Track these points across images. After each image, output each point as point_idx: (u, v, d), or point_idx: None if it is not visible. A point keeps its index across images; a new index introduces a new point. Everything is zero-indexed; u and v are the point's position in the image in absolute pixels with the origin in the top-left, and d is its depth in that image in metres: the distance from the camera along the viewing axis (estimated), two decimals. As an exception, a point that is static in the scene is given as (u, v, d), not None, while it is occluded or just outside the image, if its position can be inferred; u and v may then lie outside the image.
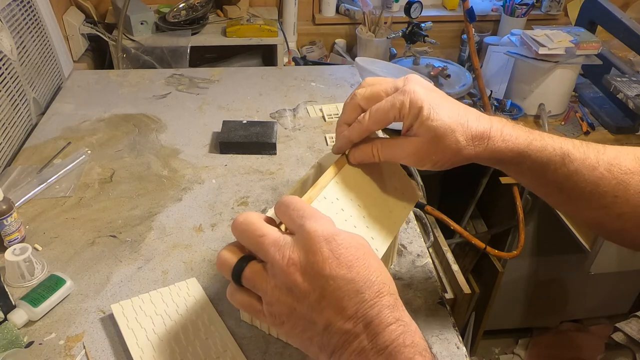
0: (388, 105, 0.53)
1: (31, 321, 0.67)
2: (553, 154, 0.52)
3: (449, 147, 0.52)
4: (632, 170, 0.52)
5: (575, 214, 0.58)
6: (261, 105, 1.18)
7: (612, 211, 0.53)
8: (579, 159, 0.52)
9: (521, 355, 1.93)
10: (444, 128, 0.51)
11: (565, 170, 0.52)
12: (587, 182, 0.52)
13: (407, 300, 0.71)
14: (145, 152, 1.01)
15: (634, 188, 0.52)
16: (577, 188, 0.53)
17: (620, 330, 0.76)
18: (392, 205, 0.62)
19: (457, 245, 1.73)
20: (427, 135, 0.52)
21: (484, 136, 0.52)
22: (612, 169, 0.52)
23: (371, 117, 0.54)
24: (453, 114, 0.52)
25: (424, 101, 0.51)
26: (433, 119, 0.51)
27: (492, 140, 0.52)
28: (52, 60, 1.27)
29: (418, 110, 0.51)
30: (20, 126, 1.06)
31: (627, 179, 0.52)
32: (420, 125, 0.51)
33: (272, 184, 0.93)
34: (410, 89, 0.52)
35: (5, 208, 0.75)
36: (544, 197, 0.59)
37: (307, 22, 2.00)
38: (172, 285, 0.71)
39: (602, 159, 0.53)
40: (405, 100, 0.52)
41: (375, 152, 0.56)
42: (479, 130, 0.52)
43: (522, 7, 1.93)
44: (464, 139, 0.52)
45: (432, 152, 0.52)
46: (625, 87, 1.51)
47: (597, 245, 1.34)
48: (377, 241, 0.58)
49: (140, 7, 1.70)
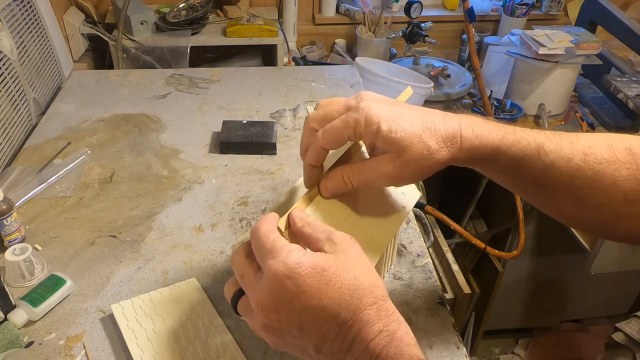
0: (341, 124, 0.50)
1: (31, 321, 0.67)
2: (528, 147, 0.50)
3: (421, 154, 0.48)
4: (607, 159, 0.50)
5: (552, 208, 0.56)
6: (261, 105, 1.18)
7: (588, 203, 0.51)
8: (554, 151, 0.50)
9: (521, 355, 1.93)
10: (409, 138, 0.48)
11: (541, 163, 0.50)
12: (563, 174, 0.50)
13: (407, 300, 0.71)
14: (145, 152, 1.01)
15: (609, 178, 0.50)
16: (554, 181, 0.51)
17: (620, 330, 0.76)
18: (391, 205, 0.62)
19: (457, 245, 1.73)
20: (394, 149, 0.48)
21: (455, 136, 0.49)
22: (587, 159, 0.50)
23: (324, 136, 0.50)
24: (416, 121, 0.49)
25: (380, 116, 0.48)
26: (395, 131, 0.48)
27: (465, 139, 0.49)
28: (52, 60, 1.27)
29: (376, 126, 0.48)
30: (20, 126, 1.06)
31: (603, 169, 0.50)
32: (384, 141, 0.48)
33: (272, 184, 0.93)
34: (364, 105, 0.49)
35: (5, 208, 0.75)
36: (521, 193, 0.57)
37: (307, 22, 2.00)
38: (172, 285, 0.71)
39: (577, 149, 0.51)
40: (359, 117, 0.49)
41: (347, 179, 0.52)
42: (449, 131, 0.49)
43: (522, 7, 1.93)
44: (435, 142, 0.48)
45: (405, 165, 0.49)
46: (625, 87, 1.51)
47: (597, 245, 1.34)
48: (376, 241, 0.58)
49: (140, 7, 1.70)
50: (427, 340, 0.66)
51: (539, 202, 0.56)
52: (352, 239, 0.46)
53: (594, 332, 1.92)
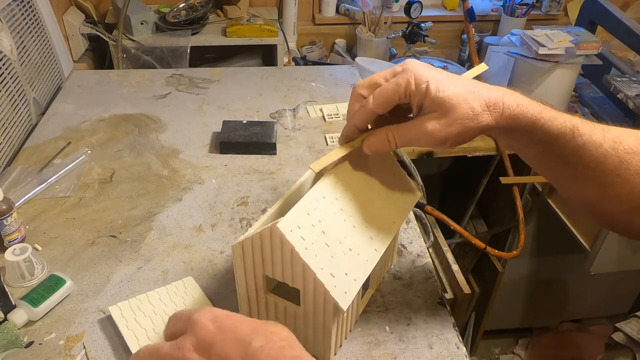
0: (392, 86, 0.51)
1: (31, 321, 0.67)
2: (563, 125, 0.51)
3: (466, 115, 0.50)
4: (634, 150, 0.52)
5: (575, 192, 0.57)
6: (261, 105, 1.18)
7: (611, 191, 0.53)
8: (586, 134, 0.51)
9: (521, 355, 1.93)
10: (456, 98, 0.50)
11: (574, 143, 0.51)
12: (593, 158, 0.52)
13: (407, 300, 0.71)
14: (145, 152, 1.01)
15: (635, 168, 0.51)
16: (582, 163, 0.52)
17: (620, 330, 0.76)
18: (391, 205, 0.62)
19: (457, 245, 1.73)
20: (440, 108, 0.50)
21: (497, 102, 0.51)
22: (616, 147, 0.52)
23: (375, 99, 0.52)
24: (461, 85, 0.51)
25: (429, 77, 0.50)
26: (442, 90, 0.50)
27: (507, 106, 0.51)
28: (52, 60, 1.27)
29: (425, 86, 0.50)
30: (20, 126, 1.06)
31: (629, 158, 0.52)
32: (431, 100, 0.50)
33: (272, 184, 0.93)
34: (412, 67, 0.52)
35: (5, 208, 0.75)
36: (546, 172, 0.58)
37: (307, 22, 2.00)
38: (170, 285, 0.70)
39: (607, 136, 0.52)
40: (409, 78, 0.51)
41: (391, 138, 0.53)
42: (492, 97, 0.51)
43: (522, 7, 1.92)
44: (479, 105, 0.50)
45: (451, 124, 0.50)
46: (625, 87, 1.51)
47: (597, 245, 1.34)
48: (376, 241, 0.58)
49: (140, 7, 1.70)
50: (427, 340, 0.66)
51: (563, 183, 0.57)
52: None
53: (594, 332, 1.92)
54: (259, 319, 0.46)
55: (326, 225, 0.54)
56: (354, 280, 0.54)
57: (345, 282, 0.53)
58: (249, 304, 0.64)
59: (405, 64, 0.53)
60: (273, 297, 0.60)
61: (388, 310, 0.69)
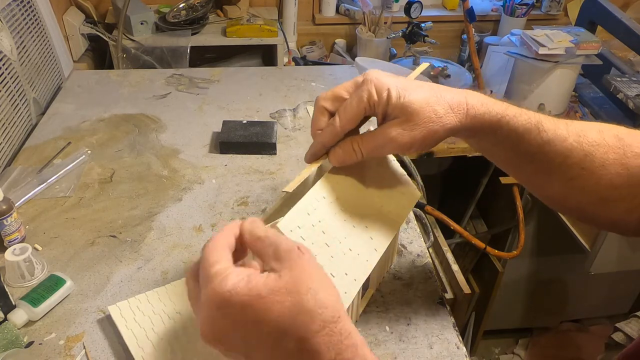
0: (356, 100, 0.52)
1: (31, 321, 0.67)
2: (528, 122, 0.52)
3: (429, 119, 0.50)
4: (598, 142, 0.52)
5: (542, 188, 0.58)
6: (261, 105, 1.18)
7: (577, 184, 0.53)
8: (551, 129, 0.52)
9: (521, 355, 1.93)
10: (418, 102, 0.50)
11: (539, 139, 0.52)
12: (558, 152, 0.52)
13: (407, 300, 0.71)
14: (145, 152, 1.01)
15: (599, 160, 0.52)
16: (548, 159, 0.53)
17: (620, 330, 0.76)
18: (391, 205, 0.62)
19: (457, 245, 1.73)
20: (403, 114, 0.50)
21: (461, 103, 0.51)
22: (580, 140, 0.52)
23: (341, 117, 0.53)
24: (423, 90, 0.51)
25: (390, 84, 0.51)
26: (404, 96, 0.50)
27: (471, 107, 0.51)
28: (52, 60, 1.27)
29: (386, 93, 0.51)
30: (20, 126, 1.06)
31: (593, 151, 0.52)
32: (394, 107, 0.50)
33: (272, 184, 0.93)
34: (372, 77, 0.52)
35: (5, 208, 0.75)
36: (514, 171, 0.59)
37: (307, 22, 2.00)
38: (169, 284, 0.70)
39: (571, 130, 0.53)
40: (370, 89, 0.51)
41: (357, 147, 0.53)
42: (455, 99, 0.51)
43: (522, 7, 1.92)
44: (442, 108, 0.51)
45: (414, 129, 0.50)
46: (625, 87, 1.51)
47: (597, 245, 1.34)
48: (376, 241, 0.58)
49: (140, 7, 1.70)
50: (427, 340, 0.66)
51: (531, 181, 0.58)
52: (300, 251, 0.41)
53: (594, 332, 1.92)
54: None
55: (326, 225, 0.54)
56: (354, 280, 0.54)
57: (345, 282, 0.53)
58: (249, 304, 0.64)
59: (366, 74, 0.53)
60: (273, 297, 0.60)
61: (388, 310, 0.69)
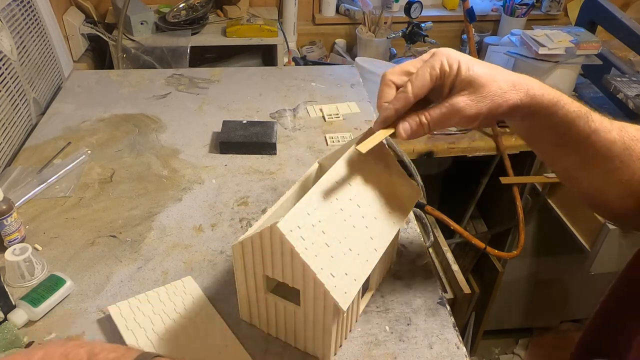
0: (427, 68, 0.54)
1: (31, 321, 0.67)
2: (579, 110, 0.55)
3: (495, 92, 0.53)
4: (637, 138, 0.56)
5: (581, 181, 0.60)
6: (261, 105, 1.18)
7: (614, 177, 0.56)
8: (598, 120, 0.55)
9: (521, 355, 1.93)
10: (485, 76, 0.53)
11: (588, 128, 0.55)
12: (603, 143, 0.55)
13: (407, 300, 0.71)
14: (145, 152, 1.01)
15: (636, 154, 0.55)
16: (594, 149, 0.55)
17: (620, 330, 0.76)
18: (391, 205, 0.62)
19: (457, 245, 1.73)
20: (471, 86, 0.53)
21: (522, 83, 0.54)
22: (622, 134, 0.55)
23: (414, 85, 0.55)
24: (488, 68, 0.55)
25: (459, 57, 0.54)
26: (472, 69, 0.53)
27: (531, 87, 0.54)
28: (52, 60, 1.27)
29: (457, 65, 0.54)
30: (20, 126, 1.06)
31: (633, 145, 0.55)
32: (463, 79, 0.53)
33: (272, 184, 0.93)
34: (442, 51, 0.55)
35: (5, 208, 0.75)
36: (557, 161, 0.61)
37: (307, 22, 2.00)
38: (169, 285, 0.70)
39: (615, 124, 0.56)
40: (442, 59, 0.54)
41: (424, 120, 0.56)
42: (517, 79, 0.54)
43: (522, 7, 1.92)
44: (506, 84, 0.53)
45: (481, 101, 0.53)
46: (625, 87, 1.51)
47: (597, 245, 1.34)
48: (376, 241, 0.58)
49: (140, 7, 1.70)
50: (427, 340, 0.66)
51: (571, 172, 0.61)
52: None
53: (594, 332, 1.92)
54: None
55: (326, 225, 0.54)
56: (354, 280, 0.54)
57: (345, 282, 0.53)
58: (249, 304, 0.64)
59: (434, 50, 0.56)
60: (273, 297, 0.60)
61: (388, 310, 0.69)
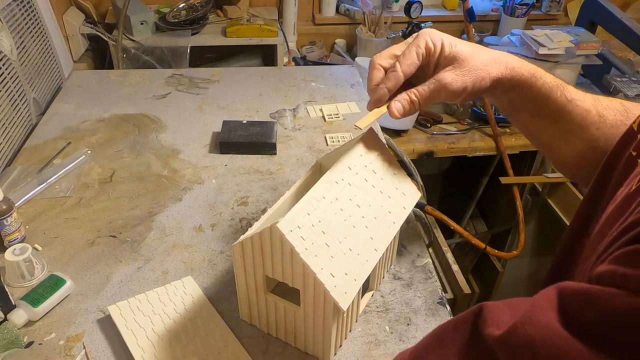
0: (413, 48, 0.58)
1: (31, 321, 0.67)
2: (554, 82, 0.59)
3: (477, 66, 0.57)
4: (609, 106, 0.59)
5: (561, 150, 0.63)
6: (261, 105, 1.18)
7: (592, 144, 0.59)
8: (573, 90, 0.59)
9: (521, 355, 1.93)
10: (467, 52, 0.57)
11: (564, 98, 0.58)
12: (578, 111, 0.58)
13: (407, 300, 0.71)
14: (145, 152, 1.01)
15: (610, 122, 0.58)
16: (570, 118, 0.59)
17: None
18: (391, 205, 0.62)
19: (457, 245, 1.73)
20: (455, 61, 0.57)
21: (501, 58, 0.58)
22: (595, 104, 0.59)
23: (403, 62, 0.58)
24: (469, 45, 0.58)
25: (442, 36, 0.58)
26: (455, 45, 0.57)
27: (509, 61, 0.58)
28: (52, 60, 1.27)
29: (440, 42, 0.57)
30: (20, 126, 1.06)
31: (606, 113, 0.59)
32: (447, 55, 0.57)
33: (272, 184, 0.93)
34: (425, 31, 0.59)
35: (5, 208, 0.75)
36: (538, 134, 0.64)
37: (307, 22, 2.00)
38: (169, 285, 0.71)
39: (588, 94, 0.60)
40: (426, 38, 0.58)
41: (414, 97, 0.59)
42: (496, 55, 0.58)
43: (522, 7, 1.93)
44: (486, 58, 0.57)
45: (465, 74, 0.57)
46: (625, 87, 1.51)
47: (597, 245, 1.33)
48: (376, 241, 0.58)
49: (140, 7, 1.70)
50: (427, 340, 0.66)
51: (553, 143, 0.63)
52: None
53: (594, 332, 1.92)
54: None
55: (326, 225, 0.54)
56: (354, 280, 0.54)
57: (345, 282, 0.53)
58: (249, 304, 0.64)
59: (417, 33, 0.59)
60: (273, 297, 0.60)
61: (388, 310, 0.69)
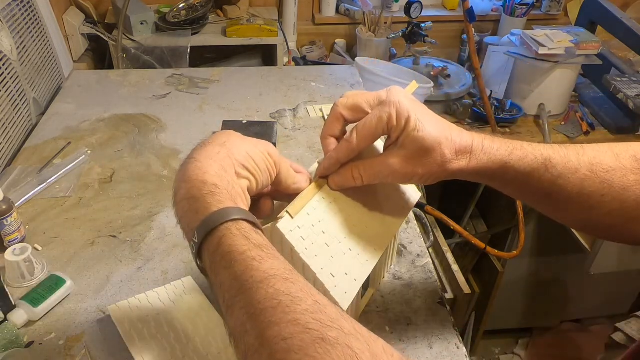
0: (375, 119, 0.51)
1: (31, 321, 0.67)
2: (535, 162, 0.52)
3: (435, 160, 0.51)
4: (614, 168, 0.52)
5: (566, 218, 0.57)
6: (261, 105, 1.18)
7: (600, 210, 0.53)
8: (561, 163, 0.52)
9: (521, 355, 1.93)
10: (431, 140, 0.50)
11: (549, 176, 0.52)
12: (572, 184, 0.52)
13: (407, 300, 0.71)
14: (145, 152, 1.01)
15: (618, 184, 0.52)
16: (564, 192, 0.52)
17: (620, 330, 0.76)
18: (391, 205, 0.62)
19: (457, 245, 1.73)
20: (413, 147, 0.50)
21: (466, 150, 0.52)
22: (594, 169, 0.52)
23: (359, 135, 0.52)
24: (438, 127, 0.51)
25: (410, 112, 0.50)
26: (420, 129, 0.50)
27: (475, 154, 0.52)
28: (52, 60, 1.27)
29: (405, 121, 0.50)
30: (20, 126, 1.06)
31: (610, 177, 0.52)
32: (407, 137, 0.50)
33: (272, 184, 0.93)
34: (395, 99, 0.51)
35: (5, 208, 0.75)
36: (533, 205, 0.59)
37: (307, 22, 2.00)
38: (169, 285, 0.70)
39: (583, 160, 0.52)
40: (391, 111, 0.50)
41: (357, 175, 0.53)
42: (462, 144, 0.51)
43: (522, 7, 1.93)
44: (449, 152, 0.51)
45: (419, 165, 0.51)
46: (625, 87, 1.51)
47: (597, 245, 1.34)
48: (376, 241, 0.58)
49: (140, 7, 1.70)
50: (427, 340, 0.66)
51: (550, 211, 0.57)
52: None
53: (594, 332, 1.92)
54: None
55: (326, 225, 0.54)
56: (354, 280, 0.54)
57: (345, 282, 0.53)
58: (249, 304, 0.64)
59: (390, 93, 0.52)
60: (273, 297, 0.60)
61: (388, 310, 0.69)
